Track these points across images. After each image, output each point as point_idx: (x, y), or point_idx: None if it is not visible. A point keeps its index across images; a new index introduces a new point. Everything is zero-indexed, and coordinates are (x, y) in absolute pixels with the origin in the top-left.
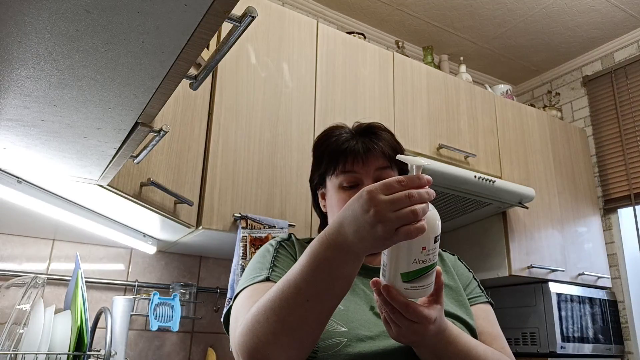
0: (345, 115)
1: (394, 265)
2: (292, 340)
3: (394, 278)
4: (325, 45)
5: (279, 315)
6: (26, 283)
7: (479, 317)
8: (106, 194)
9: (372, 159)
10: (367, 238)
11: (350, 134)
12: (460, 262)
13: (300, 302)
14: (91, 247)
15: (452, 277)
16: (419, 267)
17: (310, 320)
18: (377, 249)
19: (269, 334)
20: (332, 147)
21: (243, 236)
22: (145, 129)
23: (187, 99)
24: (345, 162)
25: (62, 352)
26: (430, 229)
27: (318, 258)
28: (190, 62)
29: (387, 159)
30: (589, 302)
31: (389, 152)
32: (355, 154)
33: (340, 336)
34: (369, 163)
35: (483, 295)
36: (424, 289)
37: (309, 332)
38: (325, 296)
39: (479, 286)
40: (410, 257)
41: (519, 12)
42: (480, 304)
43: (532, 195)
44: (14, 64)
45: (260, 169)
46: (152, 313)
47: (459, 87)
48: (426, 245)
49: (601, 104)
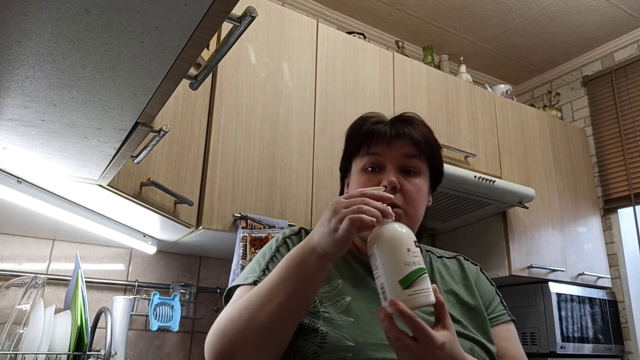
0: (345, 115)
1: (390, 278)
2: (259, 339)
3: (395, 290)
4: (325, 45)
5: (251, 312)
6: (26, 283)
7: (501, 338)
8: (106, 194)
9: (399, 143)
10: (324, 233)
11: (384, 120)
12: (483, 274)
13: (270, 299)
14: (91, 247)
15: (472, 294)
16: (413, 269)
17: (277, 319)
18: (334, 245)
19: (238, 333)
20: (362, 130)
21: (243, 236)
22: (145, 129)
23: (187, 99)
24: (370, 144)
25: (62, 352)
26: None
27: (290, 258)
28: (190, 62)
29: (415, 147)
30: (589, 302)
31: (419, 139)
32: (381, 136)
33: (346, 351)
34: (395, 147)
35: (506, 312)
36: (425, 293)
37: (277, 331)
38: (294, 295)
39: (501, 302)
40: (400, 261)
41: (519, 12)
42: (503, 323)
43: (532, 195)
44: (14, 64)
45: (260, 169)
46: (152, 313)
47: (459, 87)
48: (409, 247)
49: (601, 104)
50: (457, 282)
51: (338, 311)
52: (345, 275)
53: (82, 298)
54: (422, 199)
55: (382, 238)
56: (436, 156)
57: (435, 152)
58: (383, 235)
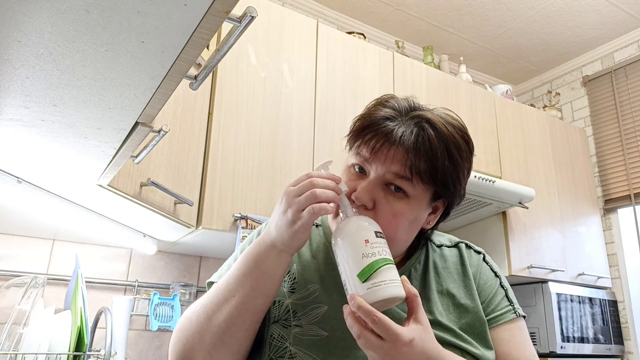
0: (345, 115)
1: (348, 271)
2: (216, 340)
3: (354, 284)
4: (325, 45)
5: (208, 313)
6: (26, 283)
7: (501, 341)
8: (106, 194)
9: (391, 155)
10: (282, 226)
11: (400, 113)
12: (486, 263)
13: (227, 298)
14: (91, 247)
15: (470, 293)
16: (371, 261)
17: (235, 319)
18: (294, 237)
19: (195, 334)
20: (365, 119)
21: (243, 236)
22: (145, 129)
23: (187, 99)
24: (363, 143)
25: (62, 352)
26: (367, 224)
27: (247, 255)
28: (190, 62)
29: (410, 170)
30: (589, 302)
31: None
32: (376, 137)
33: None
34: (384, 158)
35: (511, 309)
36: (387, 285)
37: (235, 332)
38: (252, 293)
39: (506, 297)
40: (357, 254)
41: (519, 12)
42: (505, 323)
43: (532, 195)
44: (14, 64)
45: (260, 169)
46: (152, 313)
47: (459, 87)
48: (368, 238)
49: (601, 104)
50: (455, 279)
51: (310, 322)
52: (326, 277)
53: (82, 298)
54: (402, 224)
55: (341, 232)
56: (445, 186)
57: (445, 182)
58: (341, 230)
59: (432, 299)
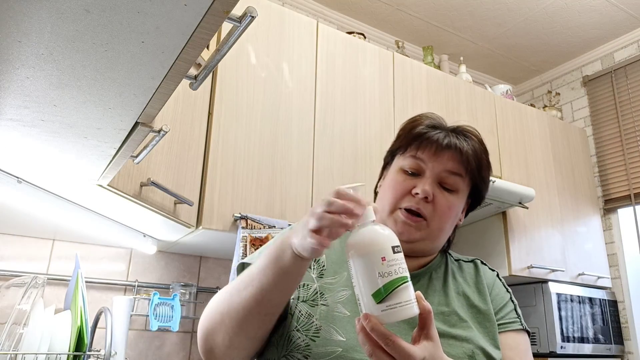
0: (345, 115)
1: (363, 290)
2: (234, 323)
3: (369, 303)
4: (325, 45)
5: (232, 295)
6: (26, 283)
7: (507, 346)
8: (106, 194)
9: (446, 156)
10: (299, 231)
11: (441, 126)
12: (499, 280)
13: (247, 284)
14: (91, 247)
15: (484, 298)
16: (386, 282)
17: (251, 306)
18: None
19: (217, 314)
20: (414, 129)
21: (243, 236)
22: (145, 129)
23: (187, 99)
24: (418, 147)
25: (62, 352)
26: (385, 238)
27: (272, 248)
28: (190, 62)
29: (462, 165)
30: (589, 302)
31: (469, 158)
32: (431, 143)
33: (337, 345)
34: (440, 159)
35: (517, 321)
36: (402, 307)
37: (250, 318)
38: (268, 286)
39: (514, 310)
40: (373, 273)
41: (519, 12)
42: (512, 331)
43: (532, 195)
44: (14, 64)
45: (260, 169)
46: (152, 313)
47: (459, 87)
48: (385, 255)
49: (601, 104)
50: (470, 285)
51: (336, 301)
52: None
53: (82, 298)
54: (452, 215)
55: (356, 245)
56: (483, 179)
57: (483, 174)
58: (356, 241)
59: (450, 295)
